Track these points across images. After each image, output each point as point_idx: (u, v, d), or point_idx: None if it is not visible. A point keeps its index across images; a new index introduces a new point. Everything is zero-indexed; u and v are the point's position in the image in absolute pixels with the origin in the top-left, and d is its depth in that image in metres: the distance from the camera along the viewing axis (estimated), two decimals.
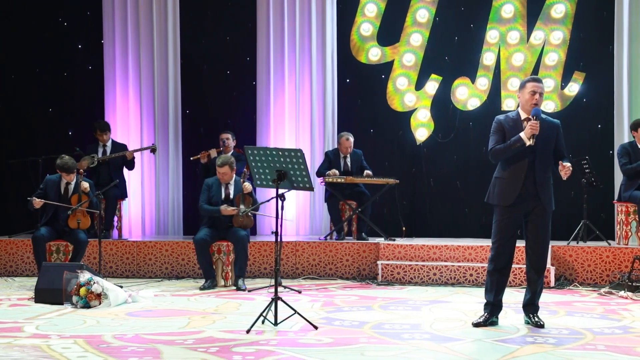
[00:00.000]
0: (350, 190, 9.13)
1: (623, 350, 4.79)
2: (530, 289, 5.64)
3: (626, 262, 7.95)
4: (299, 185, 5.66)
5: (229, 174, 7.82)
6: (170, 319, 5.91)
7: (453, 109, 9.98)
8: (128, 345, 4.92)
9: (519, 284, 7.75)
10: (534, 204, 5.48)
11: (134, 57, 10.19)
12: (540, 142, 5.41)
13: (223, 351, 4.73)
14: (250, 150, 5.72)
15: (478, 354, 4.72)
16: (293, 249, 8.68)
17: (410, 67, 10.07)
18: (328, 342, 5.02)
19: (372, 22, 10.15)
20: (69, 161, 7.77)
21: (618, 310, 6.42)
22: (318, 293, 7.41)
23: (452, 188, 9.99)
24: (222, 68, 10.37)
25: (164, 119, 10.21)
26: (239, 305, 6.59)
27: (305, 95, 10.15)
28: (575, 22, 9.71)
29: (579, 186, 8.63)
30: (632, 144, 8.36)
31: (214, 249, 7.82)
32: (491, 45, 9.89)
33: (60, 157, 7.83)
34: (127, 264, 8.74)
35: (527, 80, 5.59)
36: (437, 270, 8.14)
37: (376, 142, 10.07)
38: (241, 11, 10.29)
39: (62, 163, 7.75)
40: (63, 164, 7.75)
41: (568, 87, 9.71)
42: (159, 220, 10.21)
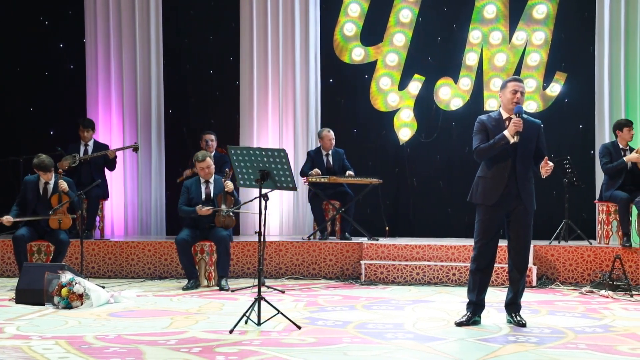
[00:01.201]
0: (334, 190, 9.14)
1: (604, 349, 4.83)
2: (512, 288, 5.67)
3: (607, 261, 8.01)
4: (283, 185, 5.66)
5: (211, 167, 7.81)
6: (153, 320, 5.88)
7: (436, 109, 10.02)
8: (110, 346, 4.89)
9: (501, 283, 7.79)
10: (515, 204, 5.51)
11: (116, 56, 10.13)
12: (522, 141, 5.44)
13: (206, 351, 4.72)
14: (233, 150, 5.71)
15: (461, 353, 4.74)
16: (276, 249, 8.67)
17: (394, 67, 10.09)
18: (311, 341, 5.02)
19: (356, 22, 10.16)
20: (45, 159, 7.70)
21: (599, 309, 6.47)
22: (301, 293, 7.41)
23: (435, 188, 10.03)
24: (205, 67, 10.35)
25: (147, 118, 10.16)
26: (222, 306, 6.57)
27: (288, 95, 10.14)
28: (556, 23, 9.78)
29: (561, 186, 8.70)
30: (613, 144, 8.42)
31: (196, 249, 7.80)
32: (474, 45, 9.94)
33: (37, 156, 7.77)
34: (109, 264, 8.70)
35: (508, 80, 5.63)
36: (420, 270, 8.17)
37: (359, 142, 10.08)
38: (224, 10, 10.27)
39: (38, 162, 7.69)
40: (39, 162, 7.68)
41: (550, 88, 9.77)
42: (142, 220, 10.16)
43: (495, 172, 5.51)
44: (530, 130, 5.53)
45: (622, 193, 8.10)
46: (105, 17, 10.11)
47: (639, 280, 7.95)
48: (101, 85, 10.14)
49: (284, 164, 5.55)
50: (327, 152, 9.25)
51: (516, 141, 5.40)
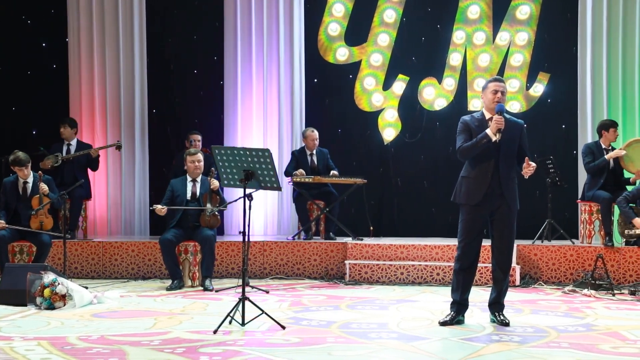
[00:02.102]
0: (318, 190, 9.13)
1: (586, 348, 4.86)
2: (495, 287, 5.70)
3: (589, 260, 8.06)
4: (267, 185, 5.65)
5: (201, 163, 7.82)
6: (137, 320, 5.86)
7: (420, 109, 10.04)
8: (93, 346, 4.86)
9: (485, 282, 7.82)
10: (499, 203, 5.53)
11: (99, 56, 10.07)
12: (504, 141, 5.47)
13: (190, 352, 4.70)
14: (217, 150, 5.70)
15: (444, 352, 4.75)
16: (261, 249, 8.66)
17: (378, 67, 10.11)
18: (295, 342, 5.02)
19: (340, 22, 10.17)
20: (20, 155, 7.66)
21: (581, 308, 6.51)
22: (286, 293, 7.40)
23: (420, 188, 10.06)
24: (189, 67, 10.31)
25: (131, 118, 10.11)
26: (206, 306, 6.56)
27: (273, 95, 10.14)
28: (539, 24, 9.84)
29: (544, 186, 8.75)
30: (596, 144, 8.48)
31: (180, 249, 7.77)
32: (457, 45, 9.98)
33: (13, 153, 7.73)
34: (92, 264, 8.65)
35: (489, 80, 5.66)
36: (405, 270, 8.18)
37: (344, 142, 10.09)
38: (208, 10, 10.24)
39: (13, 157, 7.65)
40: (14, 158, 7.64)
41: (533, 88, 9.83)
42: (125, 220, 10.12)
43: (479, 172, 5.53)
44: (512, 130, 5.55)
45: (605, 193, 8.16)
46: (88, 16, 10.05)
47: (621, 280, 8.01)
48: (84, 85, 10.08)
49: (269, 164, 5.54)
50: (311, 151, 9.26)
51: (498, 139, 5.42)
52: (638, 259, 7.88)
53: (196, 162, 7.82)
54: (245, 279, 5.72)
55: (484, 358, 4.58)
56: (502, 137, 5.44)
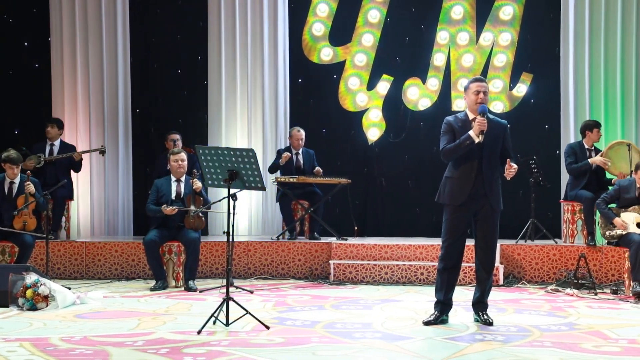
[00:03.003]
0: (302, 190, 9.13)
1: (569, 347, 4.89)
2: (479, 287, 5.72)
3: (572, 260, 8.11)
4: (251, 185, 5.64)
5: (185, 162, 7.79)
6: (120, 321, 5.83)
7: (404, 109, 10.07)
8: (76, 347, 4.83)
9: (469, 282, 7.85)
10: (482, 203, 5.55)
11: (82, 55, 10.00)
12: (488, 141, 5.49)
13: (174, 352, 4.69)
14: (201, 149, 5.68)
15: (428, 352, 4.77)
16: (245, 249, 8.65)
17: (362, 67, 10.12)
18: (280, 342, 5.02)
19: (324, 22, 10.17)
20: (13, 153, 7.65)
21: (564, 307, 6.56)
22: (270, 293, 7.40)
23: (404, 188, 10.08)
24: (172, 67, 10.28)
25: (114, 118, 10.06)
26: (190, 306, 6.54)
27: (257, 95, 10.12)
28: (522, 24, 9.89)
29: (527, 185, 8.80)
30: (579, 144, 8.53)
31: (164, 249, 7.75)
32: (441, 46, 10.01)
33: (6, 150, 7.70)
34: (75, 265, 8.60)
35: (471, 81, 5.68)
36: (389, 270, 8.20)
37: (328, 142, 10.09)
38: (192, 9, 10.20)
39: (6, 155, 7.63)
40: (7, 155, 7.62)
41: (516, 88, 9.88)
42: (108, 220, 10.06)
43: (462, 173, 5.55)
44: (496, 130, 5.57)
45: (587, 192, 8.21)
46: (71, 15, 9.98)
47: (603, 279, 8.07)
48: (67, 84, 10.01)
49: (253, 164, 5.53)
50: (297, 151, 9.25)
51: (481, 140, 5.44)
52: (620, 258, 7.94)
53: (179, 161, 7.80)
54: (229, 279, 5.71)
55: (468, 357, 4.60)
56: (486, 137, 5.45)
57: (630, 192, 7.37)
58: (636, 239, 7.08)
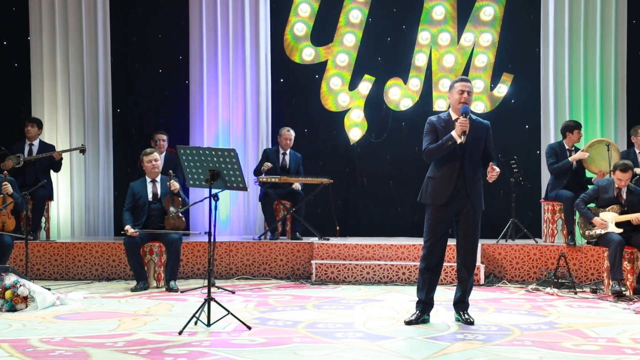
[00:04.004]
0: (284, 190, 9.13)
1: (549, 346, 4.92)
2: (460, 286, 5.74)
3: (552, 259, 8.17)
4: (233, 185, 5.63)
5: (158, 163, 7.77)
6: (100, 322, 5.79)
7: (386, 109, 10.09)
8: (55, 349, 4.80)
9: (450, 282, 7.88)
10: (464, 203, 5.57)
11: (62, 54, 9.94)
12: (470, 142, 5.51)
13: (154, 353, 4.67)
14: (183, 149, 5.66)
15: (410, 351, 4.78)
16: (227, 249, 8.63)
17: (344, 68, 10.14)
18: (261, 342, 5.01)
19: (306, 22, 10.17)
20: None
21: (544, 306, 6.60)
22: (252, 293, 7.38)
23: (385, 187, 10.10)
24: (154, 67, 10.24)
25: (94, 118, 10.00)
26: (171, 307, 6.51)
27: (239, 95, 10.10)
28: (503, 25, 9.95)
29: (508, 185, 8.84)
30: (560, 144, 8.59)
31: (145, 249, 7.71)
32: (423, 46, 10.04)
33: None
34: (55, 265, 8.53)
35: (456, 80, 5.69)
36: (371, 269, 8.21)
37: (310, 142, 10.09)
38: (173, 9, 10.17)
39: None
40: None
41: (497, 89, 9.93)
42: (89, 221, 10.00)
43: (445, 173, 5.57)
44: (478, 131, 5.60)
45: (567, 192, 8.27)
46: (51, 14, 9.91)
47: (582, 278, 8.13)
48: (47, 84, 9.94)
49: (234, 164, 5.52)
50: (285, 151, 9.25)
51: (463, 141, 5.46)
52: (599, 257, 8.00)
53: (153, 161, 7.75)
54: (211, 280, 5.69)
55: (449, 357, 4.62)
56: (468, 138, 5.48)
57: (609, 192, 7.43)
58: (615, 238, 7.14)
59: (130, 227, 7.49)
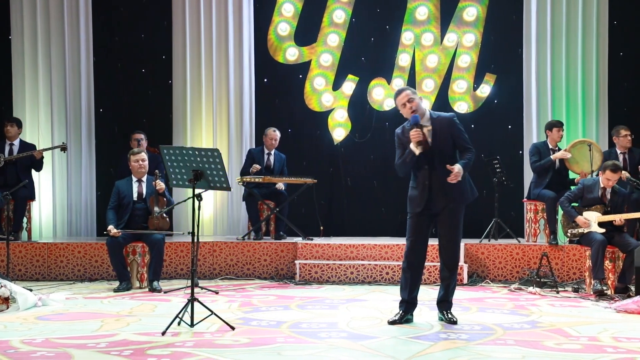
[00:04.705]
0: (268, 190, 9.12)
1: (531, 345, 4.95)
2: (443, 286, 5.75)
3: (535, 259, 8.21)
4: (216, 185, 5.61)
5: (146, 162, 7.73)
6: (83, 323, 5.76)
7: (370, 109, 10.11)
8: (37, 350, 4.76)
9: (434, 281, 7.90)
10: (443, 204, 5.55)
11: (44, 54, 9.87)
12: (437, 144, 5.49)
13: (137, 354, 4.65)
14: (166, 149, 5.64)
15: (393, 351, 4.79)
16: (210, 249, 8.60)
17: (328, 68, 10.14)
18: (245, 342, 5.00)
19: (289, 21, 10.17)
20: None
21: (527, 305, 6.64)
22: (236, 293, 7.37)
23: (369, 187, 10.12)
24: (136, 66, 10.20)
25: (77, 118, 9.94)
26: (155, 307, 6.48)
27: (222, 95, 10.08)
28: (486, 25, 9.99)
29: (491, 185, 8.88)
30: (544, 144, 8.64)
31: (128, 249, 7.67)
32: (406, 46, 10.06)
33: None
34: (37, 266, 8.47)
35: (395, 93, 5.67)
36: (354, 269, 8.22)
37: (294, 142, 10.08)
38: (156, 8, 10.13)
39: None
40: None
41: (480, 89, 9.97)
42: (71, 221, 9.94)
43: (418, 182, 5.60)
44: (443, 128, 5.53)
45: (549, 192, 8.32)
46: (32, 13, 9.84)
47: (564, 277, 8.18)
48: (28, 84, 9.87)
49: (218, 164, 5.51)
50: (270, 151, 9.24)
51: (421, 151, 5.45)
52: (581, 257, 8.05)
53: (140, 161, 7.72)
54: (194, 280, 5.68)
55: (432, 356, 4.63)
56: (434, 140, 5.48)
57: (594, 192, 7.47)
58: (597, 238, 7.19)
59: (114, 227, 7.45)
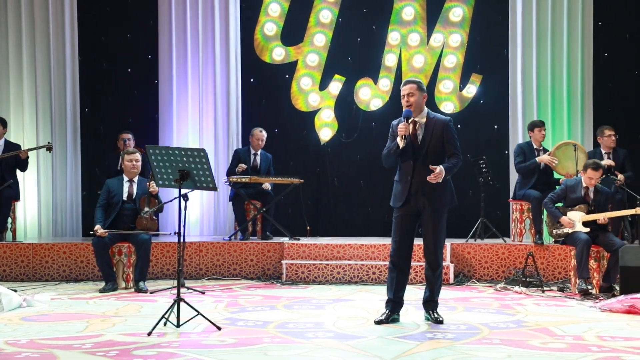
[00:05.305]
0: (255, 190, 9.11)
1: (517, 344, 4.97)
2: (428, 285, 5.77)
3: (520, 258, 8.25)
4: (202, 185, 5.60)
5: (139, 163, 7.71)
6: (68, 323, 5.73)
7: (356, 109, 10.12)
8: (22, 351, 4.73)
9: (420, 281, 7.92)
10: (423, 204, 5.58)
11: (29, 54, 9.80)
12: (427, 141, 5.53)
13: (123, 355, 4.63)
14: (152, 149, 5.62)
15: (380, 350, 4.79)
16: (197, 250, 8.58)
17: (314, 68, 10.14)
18: (231, 342, 4.99)
19: (276, 21, 10.16)
20: None
21: (512, 305, 6.67)
22: (222, 293, 7.36)
23: (356, 187, 10.13)
24: (122, 66, 10.16)
25: (62, 117, 9.89)
26: (141, 308, 6.46)
27: (209, 95, 10.06)
28: (472, 26, 10.04)
29: (477, 185, 8.92)
30: (528, 144, 8.68)
31: (114, 250, 7.63)
32: (393, 46, 10.09)
33: None
34: (21, 267, 8.42)
35: (402, 84, 5.71)
36: (341, 269, 8.23)
37: (281, 142, 10.07)
38: (142, 8, 10.10)
39: None
40: None
41: (466, 89, 10.01)
42: (56, 221, 9.88)
43: (401, 176, 5.64)
44: (436, 128, 5.58)
45: (535, 192, 8.36)
46: (16, 12, 9.78)
47: (550, 277, 8.22)
48: (13, 83, 9.80)
49: (204, 164, 5.49)
50: (256, 151, 9.22)
51: (404, 145, 5.50)
52: (566, 256, 8.10)
53: (134, 161, 7.69)
54: (180, 280, 5.66)
55: (418, 355, 4.64)
56: (424, 137, 5.53)
57: (577, 192, 7.52)
58: (582, 237, 7.23)
59: (101, 227, 7.42)
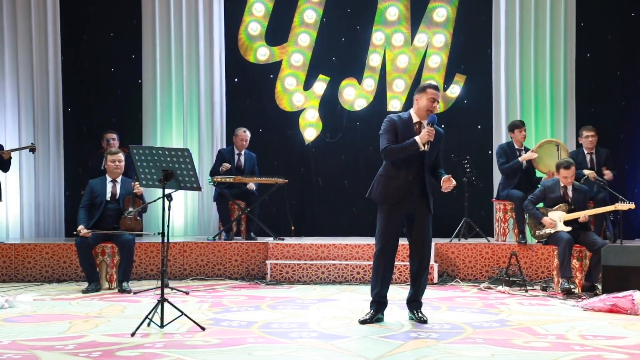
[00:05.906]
0: (239, 190, 9.09)
1: (500, 343, 5.00)
2: (413, 285, 5.78)
3: (504, 258, 8.29)
4: (186, 185, 5.58)
5: (122, 163, 7.67)
6: (50, 324, 5.69)
7: (341, 109, 10.13)
8: (3, 352, 4.69)
9: (404, 281, 7.94)
10: (418, 203, 5.61)
11: (10, 53, 9.73)
12: (431, 147, 5.56)
13: (106, 355, 4.60)
14: (135, 149, 5.59)
15: (364, 350, 4.80)
16: (181, 250, 8.56)
17: (299, 67, 10.14)
18: (215, 342, 4.98)
19: (260, 21, 10.15)
20: None
21: (496, 304, 6.70)
22: (206, 294, 7.34)
23: (340, 187, 10.14)
24: (106, 65, 10.11)
25: (44, 117, 9.82)
26: (124, 308, 6.43)
27: (192, 94, 10.03)
28: (456, 26, 10.07)
29: (461, 185, 8.92)
30: (509, 144, 8.73)
31: (97, 250, 7.59)
32: (377, 46, 10.10)
33: None
34: (3, 267, 8.35)
35: (428, 85, 5.69)
36: (325, 269, 8.23)
37: (265, 142, 10.06)
38: (125, 7, 10.06)
39: None
40: None
41: (450, 89, 10.05)
42: (39, 221, 9.81)
43: (400, 174, 5.60)
44: (437, 137, 5.64)
45: (518, 192, 8.40)
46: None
47: (533, 276, 8.27)
48: None
49: (188, 164, 5.48)
50: (240, 151, 9.20)
51: (426, 149, 5.52)
52: (549, 256, 8.14)
53: (117, 161, 7.66)
54: (164, 281, 5.64)
55: (403, 355, 4.65)
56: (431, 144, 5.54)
57: (555, 192, 7.57)
58: (564, 237, 7.28)
59: (84, 228, 7.37)
